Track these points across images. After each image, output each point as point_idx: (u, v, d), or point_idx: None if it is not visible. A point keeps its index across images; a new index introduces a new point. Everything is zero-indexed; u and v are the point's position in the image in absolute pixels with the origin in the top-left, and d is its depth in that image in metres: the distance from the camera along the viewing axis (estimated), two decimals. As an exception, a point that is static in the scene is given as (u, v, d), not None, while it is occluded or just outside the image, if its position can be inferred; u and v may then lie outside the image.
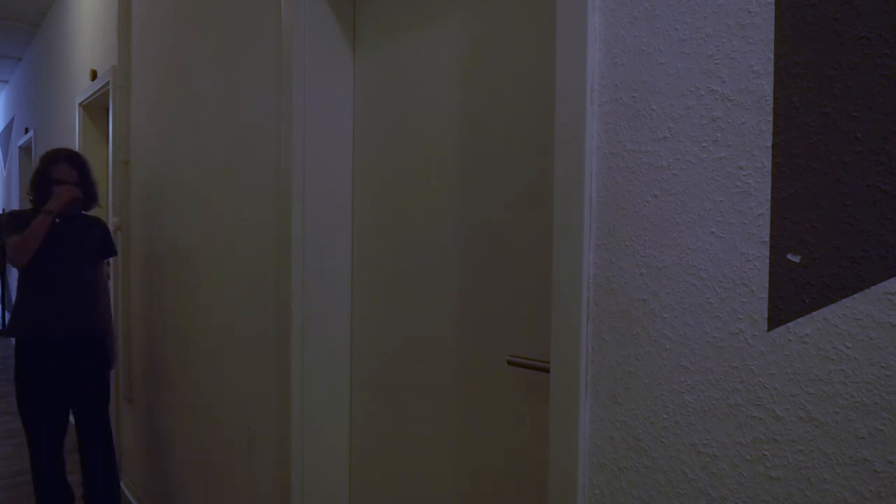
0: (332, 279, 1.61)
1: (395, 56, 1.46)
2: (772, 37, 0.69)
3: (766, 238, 0.69)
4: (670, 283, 0.78)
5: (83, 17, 3.73)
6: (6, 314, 7.26)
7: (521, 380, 1.17)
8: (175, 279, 2.41)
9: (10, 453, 3.58)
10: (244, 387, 1.88)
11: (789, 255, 0.67)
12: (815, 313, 0.65)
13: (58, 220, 2.27)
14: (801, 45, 0.66)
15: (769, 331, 0.69)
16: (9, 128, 7.18)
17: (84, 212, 2.42)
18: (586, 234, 0.86)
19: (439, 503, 1.36)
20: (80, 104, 3.64)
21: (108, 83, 3.08)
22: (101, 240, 2.44)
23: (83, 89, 3.62)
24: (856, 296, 0.62)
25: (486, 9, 1.23)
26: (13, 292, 6.87)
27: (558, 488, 0.89)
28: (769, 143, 0.69)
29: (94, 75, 3.36)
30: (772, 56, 0.69)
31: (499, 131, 1.20)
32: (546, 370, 1.07)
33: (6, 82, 7.21)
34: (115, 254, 2.53)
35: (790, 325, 0.67)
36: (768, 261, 0.69)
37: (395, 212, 1.47)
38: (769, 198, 0.69)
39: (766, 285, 0.69)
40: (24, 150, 6.24)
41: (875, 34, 0.61)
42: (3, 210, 7.60)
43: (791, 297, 0.67)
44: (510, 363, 1.11)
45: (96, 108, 3.68)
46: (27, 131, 5.80)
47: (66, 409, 2.32)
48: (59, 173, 2.29)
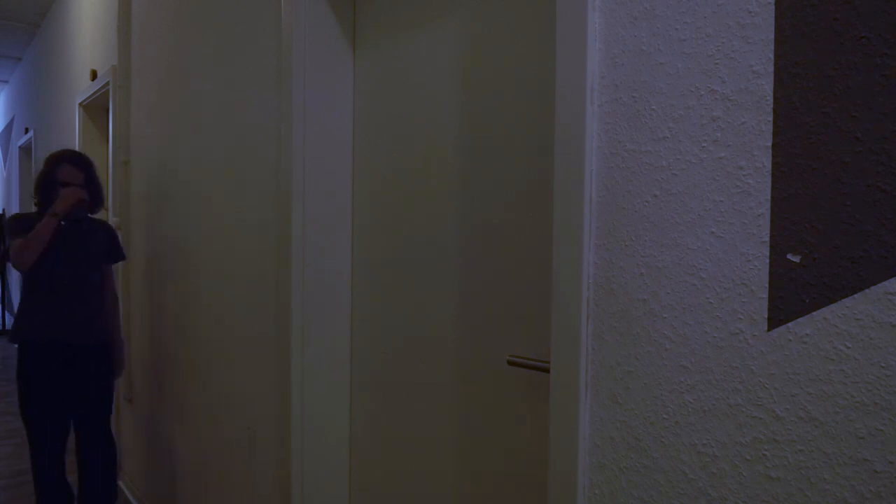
0: (332, 279, 1.61)
1: (395, 56, 1.46)
2: (772, 37, 0.69)
3: (766, 238, 0.69)
4: (670, 283, 0.78)
5: (83, 17, 3.73)
6: (6, 314, 7.26)
7: (521, 380, 1.17)
8: (175, 279, 2.41)
9: (10, 453, 3.58)
10: (244, 387, 1.88)
11: (789, 255, 0.67)
12: (815, 313, 0.65)
13: (63, 222, 2.23)
14: (801, 45, 0.66)
15: (769, 331, 0.69)
16: (9, 128, 7.19)
17: (90, 214, 2.38)
18: (586, 234, 0.86)
19: (439, 503, 1.36)
20: (80, 104, 3.64)
21: (108, 83, 3.08)
22: (108, 243, 2.40)
23: (83, 89, 3.62)
24: (856, 296, 0.62)
25: (486, 9, 1.23)
26: (13, 292, 6.88)
27: (558, 488, 0.89)
28: (769, 143, 0.69)
29: (94, 75, 3.36)
30: (772, 56, 0.69)
31: (499, 131, 1.20)
32: (546, 370, 1.07)
33: (6, 82, 7.22)
34: (124, 258, 2.49)
35: (790, 325, 0.67)
36: (768, 261, 0.69)
37: (395, 212, 1.47)
38: (769, 198, 0.69)
39: (766, 285, 0.69)
40: (24, 150, 6.24)
41: (875, 34, 0.61)
42: (3, 210, 7.60)
43: (791, 297, 0.67)
44: (510, 363, 1.11)
45: (96, 108, 3.68)
46: (27, 131, 5.80)
47: (68, 412, 2.29)
48: (64, 175, 2.25)
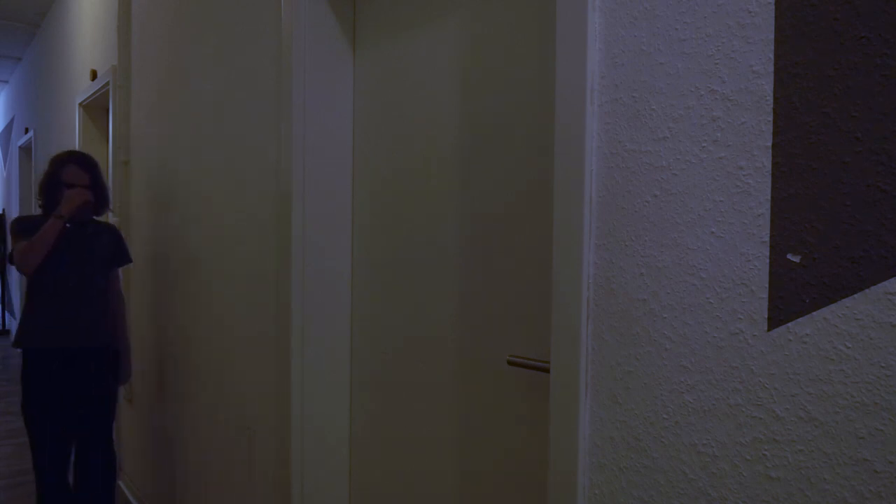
0: (332, 279, 1.61)
1: (395, 56, 1.46)
2: (772, 37, 0.69)
3: (766, 238, 0.69)
4: (670, 283, 0.78)
5: (83, 17, 3.73)
6: (6, 314, 7.26)
7: (521, 380, 1.17)
8: (175, 279, 2.41)
9: (10, 453, 3.58)
10: (244, 387, 1.88)
11: (789, 255, 0.67)
12: (815, 313, 0.65)
13: (68, 224, 2.19)
14: (801, 45, 0.66)
15: (769, 331, 0.69)
16: (9, 128, 7.18)
17: (95, 216, 2.34)
18: (586, 234, 0.86)
19: (439, 503, 1.36)
20: (80, 104, 3.64)
21: (108, 83, 3.08)
22: (113, 246, 2.36)
23: (83, 89, 3.62)
24: (856, 296, 0.62)
25: (486, 9, 1.23)
26: (13, 293, 6.87)
27: (558, 488, 0.89)
28: (769, 143, 0.69)
29: (94, 75, 3.36)
30: (772, 56, 0.69)
31: (499, 131, 1.20)
32: (546, 370, 1.07)
33: (6, 82, 7.21)
34: (130, 261, 2.46)
35: (790, 325, 0.67)
36: (768, 261, 0.69)
37: (395, 212, 1.47)
38: (769, 198, 0.69)
39: (766, 285, 0.69)
40: (24, 150, 6.24)
41: (875, 34, 0.61)
42: (3, 210, 7.60)
43: (791, 297, 0.67)
44: (510, 363, 1.11)
45: (96, 108, 3.67)
46: (27, 131, 5.80)
47: (69, 413, 2.28)
48: (69, 176, 2.21)
